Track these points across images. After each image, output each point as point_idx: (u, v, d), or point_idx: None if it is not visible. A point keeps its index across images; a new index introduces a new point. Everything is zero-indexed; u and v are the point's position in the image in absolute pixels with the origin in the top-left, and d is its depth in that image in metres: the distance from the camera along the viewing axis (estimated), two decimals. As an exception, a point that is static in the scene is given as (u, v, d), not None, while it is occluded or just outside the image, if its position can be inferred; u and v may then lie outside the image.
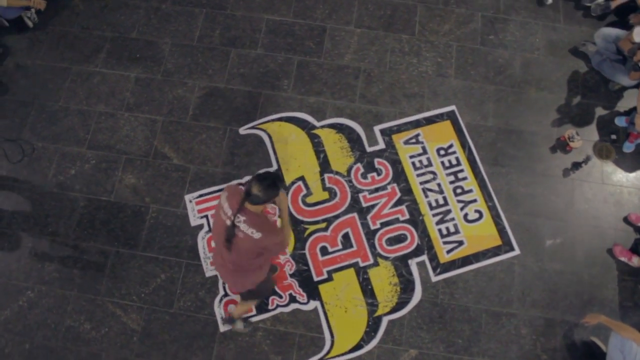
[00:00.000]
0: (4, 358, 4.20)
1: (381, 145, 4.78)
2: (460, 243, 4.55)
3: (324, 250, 4.49)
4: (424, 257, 4.49)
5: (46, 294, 4.31)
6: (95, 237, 4.46)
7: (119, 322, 4.26)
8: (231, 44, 5.12)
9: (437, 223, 4.60)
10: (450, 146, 4.81)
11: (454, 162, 4.77)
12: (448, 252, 4.52)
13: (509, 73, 5.03)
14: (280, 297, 4.35)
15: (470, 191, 4.69)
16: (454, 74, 5.01)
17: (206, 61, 5.03)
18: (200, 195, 4.61)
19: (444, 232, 4.58)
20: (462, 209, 4.64)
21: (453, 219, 4.62)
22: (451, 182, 4.71)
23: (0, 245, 4.46)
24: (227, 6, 5.28)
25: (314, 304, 4.35)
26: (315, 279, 4.41)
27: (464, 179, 4.72)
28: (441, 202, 4.66)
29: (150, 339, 4.22)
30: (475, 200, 4.67)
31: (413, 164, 4.74)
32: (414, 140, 4.81)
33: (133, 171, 4.66)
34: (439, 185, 4.70)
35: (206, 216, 4.55)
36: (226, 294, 4.33)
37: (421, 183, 4.69)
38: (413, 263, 4.48)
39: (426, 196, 4.66)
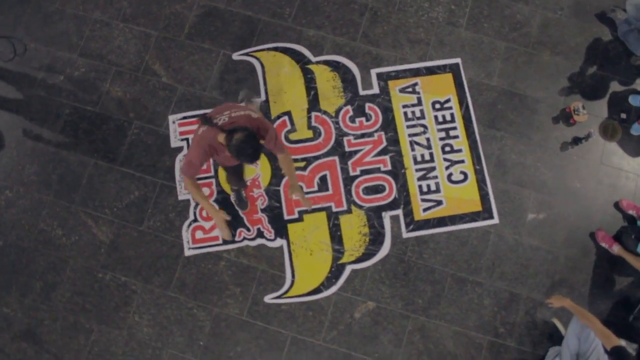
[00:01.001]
0: None
1: (375, 90, 4.21)
2: (439, 203, 4.07)
3: (299, 190, 4.16)
4: (399, 212, 4.03)
5: (23, 196, 4.05)
6: (76, 145, 4.13)
7: (89, 232, 4.00)
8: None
9: (419, 179, 4.10)
10: (447, 101, 4.20)
11: (448, 117, 4.19)
12: (425, 210, 4.05)
13: (525, 31, 4.31)
14: (248, 230, 4.03)
15: (459, 151, 4.14)
16: (465, 25, 4.31)
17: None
18: (184, 117, 4.16)
19: (424, 189, 4.09)
20: (447, 167, 4.12)
21: (436, 177, 4.11)
22: (441, 139, 4.15)
23: (-17, 141, 4.28)
24: None
25: (280, 242, 3.99)
26: (286, 217, 4.02)
27: (455, 137, 4.16)
28: (427, 157, 4.13)
29: (117, 252, 3.97)
30: (462, 161, 4.13)
31: (405, 114, 4.18)
32: (410, 90, 4.22)
33: (121, 84, 4.23)
34: (427, 140, 4.15)
35: (187, 139, 4.19)
36: (195, 220, 4.06)
37: (410, 135, 4.15)
38: (387, 216, 4.03)
39: (412, 149, 4.13)
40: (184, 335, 3.88)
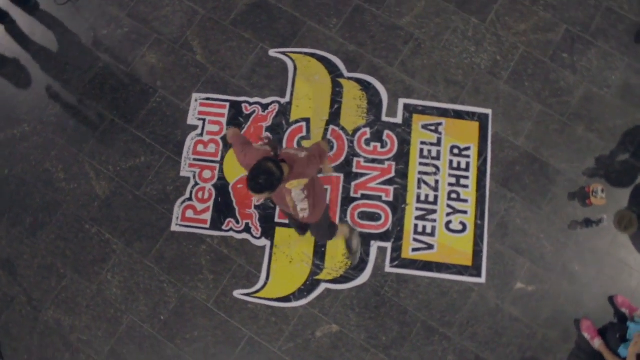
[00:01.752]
0: None
1: (398, 119, 4.30)
2: (430, 247, 4.11)
3: (297, 198, 4.28)
4: (388, 245, 4.10)
5: (38, 133, 4.36)
6: (100, 99, 4.41)
7: (89, 183, 4.26)
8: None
9: (417, 218, 4.15)
10: (467, 149, 4.25)
11: (463, 165, 4.24)
12: (414, 250, 4.10)
13: (565, 100, 4.32)
14: (238, 222, 4.19)
15: (465, 201, 4.18)
16: (505, 78, 4.35)
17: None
18: (208, 99, 4.39)
19: (420, 229, 4.14)
20: (448, 214, 4.16)
21: (435, 220, 4.15)
22: (450, 184, 4.20)
23: (17, 76, 4.51)
24: None
25: (264, 242, 4.12)
26: (276, 219, 4.16)
27: (465, 186, 4.20)
28: (431, 199, 4.19)
29: (109, 210, 4.20)
30: (465, 212, 4.16)
31: (421, 150, 4.25)
32: (433, 128, 4.29)
33: (157, 52, 4.50)
34: (436, 182, 4.21)
35: (204, 120, 4.37)
36: (190, 199, 4.24)
37: (420, 172, 4.22)
38: (375, 245, 4.11)
39: (419, 187, 4.20)
40: (148, 305, 4.07)
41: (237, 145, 3.20)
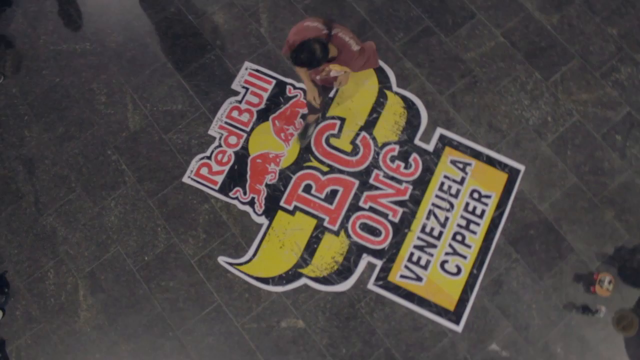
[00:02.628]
0: (37, 77, 4.76)
1: (430, 147, 4.43)
2: (419, 279, 4.21)
3: (307, 188, 4.41)
4: (379, 263, 4.24)
5: (97, 54, 4.79)
6: (160, 40, 4.81)
7: (124, 113, 4.64)
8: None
9: (415, 247, 4.27)
10: (488, 196, 4.33)
11: (478, 211, 4.31)
12: (402, 276, 4.22)
13: (603, 181, 4.32)
14: (245, 194, 4.44)
15: (468, 246, 4.25)
16: (550, 141, 4.41)
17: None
18: (257, 70, 4.68)
19: (414, 258, 4.25)
20: (447, 253, 4.25)
21: (432, 255, 4.25)
22: (459, 226, 4.29)
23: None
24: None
25: (263, 220, 4.36)
26: (281, 203, 4.39)
27: (473, 232, 4.27)
28: (435, 233, 4.29)
29: (133, 143, 4.57)
30: (464, 257, 4.24)
31: (442, 184, 4.37)
32: (460, 166, 4.40)
33: (226, 14, 4.85)
34: (446, 218, 4.30)
35: (247, 89, 4.65)
36: (209, 157, 4.50)
37: (433, 204, 4.33)
38: (366, 259, 4.25)
39: (427, 218, 4.31)
40: (137, 242, 4.38)
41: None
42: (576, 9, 4.75)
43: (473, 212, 4.35)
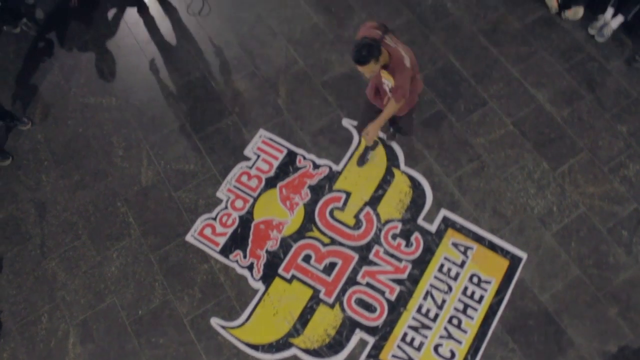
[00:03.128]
0: (63, 126, 5.11)
1: (432, 227, 4.55)
2: (410, 360, 4.24)
3: (307, 258, 4.54)
4: (371, 340, 4.25)
5: (121, 110, 5.14)
6: (182, 102, 5.18)
7: (138, 168, 4.92)
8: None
9: (410, 327, 4.28)
10: (487, 282, 4.36)
11: (476, 296, 4.34)
12: (394, 356, 4.20)
13: (607, 276, 4.32)
14: (245, 257, 4.57)
15: (464, 331, 4.24)
16: (554, 231, 4.48)
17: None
18: (271, 139, 4.96)
19: (408, 339, 4.26)
20: (441, 337, 4.24)
21: (426, 337, 4.25)
22: (456, 309, 4.31)
23: (128, 56, 5.41)
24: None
25: (259, 286, 4.46)
26: (280, 271, 4.50)
27: (470, 317, 4.28)
28: (431, 315, 4.31)
29: (143, 198, 4.81)
30: (459, 342, 4.22)
31: (442, 265, 4.43)
32: (462, 249, 4.47)
33: (248, 83, 5.23)
34: (444, 300, 4.34)
35: (259, 156, 4.89)
36: (214, 219, 4.70)
37: (432, 285, 4.38)
38: (358, 335, 4.27)
39: (424, 298, 4.35)
40: (133, 295, 4.53)
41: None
42: (587, 104, 4.97)
43: (471, 297, 4.38)
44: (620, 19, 5.11)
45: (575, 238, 4.50)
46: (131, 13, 5.77)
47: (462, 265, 4.48)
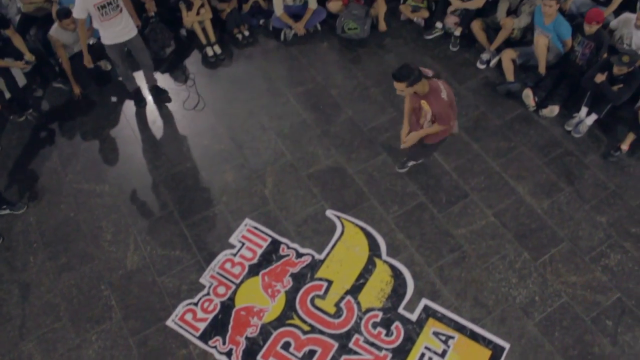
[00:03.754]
0: (55, 210, 5.38)
1: (413, 316, 4.63)
2: None
3: (286, 345, 4.60)
4: None
5: (112, 196, 5.46)
6: (172, 190, 5.53)
7: (124, 253, 5.14)
8: (387, 150, 5.64)
9: (389, 419, 4.27)
10: (469, 373, 4.40)
11: (458, 387, 4.35)
12: None
13: (592, 366, 4.37)
14: (224, 343, 4.64)
15: None
16: (537, 320, 4.55)
17: (355, 143, 5.73)
18: (256, 228, 5.22)
19: None
20: None
21: None
22: (437, 400, 4.31)
23: (123, 146, 5.83)
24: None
25: (237, 373, 4.57)
26: (258, 358, 4.54)
27: (451, 409, 4.27)
28: (412, 407, 4.30)
29: (127, 281, 4.97)
30: None
31: (422, 354, 4.47)
32: (443, 338, 4.53)
33: (236, 174, 5.62)
34: (425, 391, 4.35)
35: (243, 244, 5.13)
36: (196, 304, 4.83)
37: (411, 376, 4.43)
38: None
39: (405, 389, 4.37)
40: (108, 382, 4.61)
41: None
42: (566, 196, 5.26)
43: (453, 388, 4.40)
44: (594, 116, 5.60)
45: (558, 328, 4.57)
46: (130, 106, 6.36)
47: (443, 354, 4.50)
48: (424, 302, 4.74)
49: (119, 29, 5.59)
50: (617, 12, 6.18)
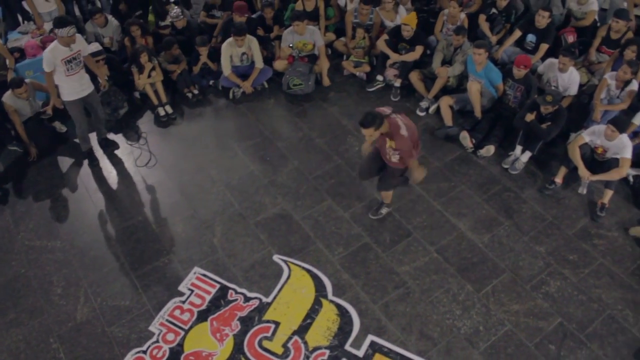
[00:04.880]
0: (6, 267, 5.55)
1: (360, 353, 4.79)
2: None
3: (236, 389, 4.77)
4: None
5: (64, 251, 5.70)
6: (123, 243, 5.79)
7: (74, 305, 5.28)
8: (332, 196, 6.04)
9: None
10: (415, 406, 4.51)
11: (403, 422, 4.44)
12: None
13: (537, 392, 4.51)
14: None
15: None
16: (482, 350, 4.73)
17: (301, 191, 6.12)
18: (204, 275, 5.45)
19: None
20: None
21: None
22: None
23: (76, 202, 6.12)
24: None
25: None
26: (205, 402, 4.70)
27: None
28: None
29: (76, 333, 5.09)
30: None
31: (369, 390, 4.63)
32: (390, 373, 4.71)
33: (186, 225, 5.91)
34: None
35: (192, 291, 5.34)
36: (145, 352, 4.94)
37: (359, 412, 4.53)
38: None
39: None
40: None
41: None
42: (505, 229, 5.62)
43: (398, 422, 4.50)
44: (528, 154, 6.07)
45: (503, 355, 4.75)
46: (84, 166, 6.73)
47: (390, 388, 4.69)
48: (370, 338, 4.92)
49: (80, 84, 6.22)
50: (543, 58, 6.89)
